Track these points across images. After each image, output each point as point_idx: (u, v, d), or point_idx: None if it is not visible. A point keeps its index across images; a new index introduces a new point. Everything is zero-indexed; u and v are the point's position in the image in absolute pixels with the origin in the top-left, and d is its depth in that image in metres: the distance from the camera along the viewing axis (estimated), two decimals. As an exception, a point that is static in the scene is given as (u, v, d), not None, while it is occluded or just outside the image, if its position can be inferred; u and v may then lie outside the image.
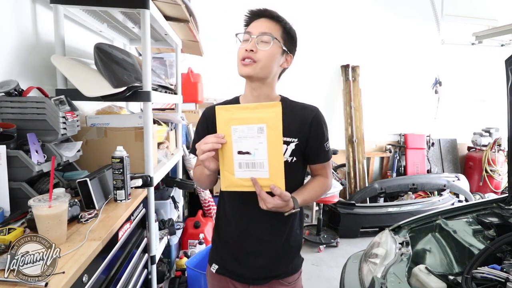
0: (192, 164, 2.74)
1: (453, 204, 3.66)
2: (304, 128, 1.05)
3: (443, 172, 4.58)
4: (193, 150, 1.12)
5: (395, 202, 3.84)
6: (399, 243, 1.53)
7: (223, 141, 0.91)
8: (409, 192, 4.01)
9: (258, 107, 0.92)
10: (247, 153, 0.92)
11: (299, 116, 1.07)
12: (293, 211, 0.99)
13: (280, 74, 1.13)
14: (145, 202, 1.53)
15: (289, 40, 1.06)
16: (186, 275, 2.27)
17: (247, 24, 1.07)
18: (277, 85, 1.14)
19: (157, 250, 1.70)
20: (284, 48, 1.04)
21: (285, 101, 1.10)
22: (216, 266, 1.15)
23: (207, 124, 1.11)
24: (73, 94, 1.38)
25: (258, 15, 1.04)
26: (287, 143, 1.03)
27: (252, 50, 0.99)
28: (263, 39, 1.00)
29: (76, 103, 1.40)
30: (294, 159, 1.05)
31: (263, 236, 1.09)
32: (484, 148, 4.44)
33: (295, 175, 1.08)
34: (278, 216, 1.02)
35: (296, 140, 1.04)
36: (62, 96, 1.28)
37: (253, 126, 0.90)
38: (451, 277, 1.32)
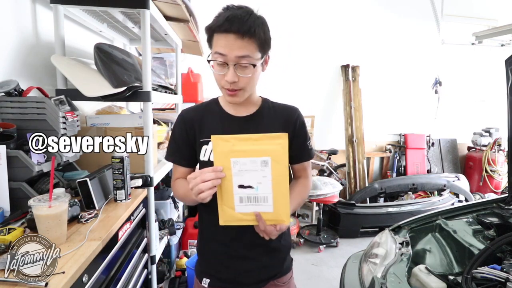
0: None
1: (453, 204, 3.65)
2: (288, 128, 1.03)
3: (443, 172, 4.58)
4: (169, 157, 1.08)
5: (395, 202, 3.84)
6: (399, 243, 1.53)
7: (222, 176, 0.83)
8: (409, 192, 4.01)
9: (262, 138, 0.83)
10: (249, 187, 0.84)
11: (282, 116, 1.06)
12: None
13: None
14: (145, 202, 1.53)
15: (265, 45, 0.93)
16: (186, 275, 2.27)
17: (210, 34, 0.92)
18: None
19: (157, 250, 1.70)
20: (262, 60, 0.95)
21: (266, 102, 1.09)
22: (208, 280, 1.09)
23: (186, 127, 1.04)
24: (73, 94, 1.38)
25: (227, 29, 0.87)
26: None
27: (234, 81, 0.91)
28: (241, 64, 0.89)
29: (76, 103, 1.40)
30: None
31: (256, 240, 1.02)
32: (484, 148, 4.44)
33: None
34: None
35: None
36: (62, 96, 1.28)
37: (256, 159, 0.82)
38: (451, 277, 1.32)
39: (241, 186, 0.85)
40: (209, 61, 0.94)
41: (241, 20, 0.87)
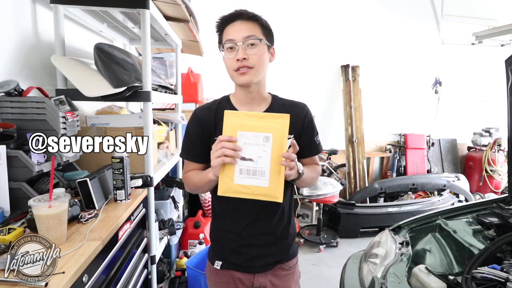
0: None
1: (453, 204, 3.65)
2: (297, 124, 1.09)
3: (443, 172, 4.58)
4: (185, 155, 1.12)
5: (395, 202, 3.84)
6: (399, 243, 1.53)
7: (239, 149, 0.92)
8: (409, 192, 4.01)
9: (267, 117, 0.94)
10: (250, 160, 0.93)
11: (292, 113, 1.09)
12: (300, 175, 1.00)
13: None
14: (145, 202, 1.53)
15: (269, 33, 1.06)
16: (186, 275, 2.27)
17: (221, 30, 1.05)
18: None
19: (157, 250, 1.70)
20: (268, 44, 1.05)
21: (275, 99, 1.14)
22: (220, 262, 1.15)
23: (201, 126, 1.09)
24: (73, 94, 1.38)
25: (233, 19, 1.02)
26: None
27: (244, 58, 0.99)
28: (249, 43, 1.00)
29: (76, 103, 1.40)
30: None
31: (266, 229, 1.11)
32: (484, 148, 4.44)
33: None
34: (279, 209, 1.10)
35: (292, 136, 1.08)
36: (62, 96, 1.28)
37: (259, 134, 0.92)
38: (451, 277, 1.32)
39: (242, 159, 0.93)
40: (222, 46, 1.02)
41: (246, 11, 1.02)
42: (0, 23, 1.28)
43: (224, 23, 1.03)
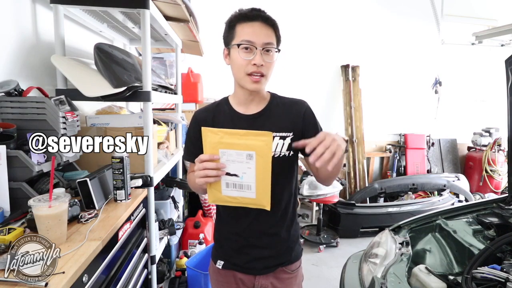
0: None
1: (453, 204, 3.65)
2: (297, 122, 1.08)
3: (443, 172, 4.58)
4: (187, 157, 1.14)
5: (395, 202, 3.84)
6: (399, 243, 1.53)
7: (222, 166, 0.89)
8: (409, 192, 4.01)
9: (248, 134, 0.89)
10: (235, 175, 0.91)
11: (291, 110, 1.10)
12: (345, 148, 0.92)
13: None
14: (145, 202, 1.53)
15: (279, 41, 1.04)
16: (186, 275, 2.27)
17: (234, 24, 1.00)
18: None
19: (157, 250, 1.70)
20: (277, 52, 1.02)
21: (274, 98, 1.12)
22: (222, 262, 1.16)
23: (199, 128, 1.05)
24: (73, 94, 1.38)
25: (253, 18, 0.98)
26: (283, 138, 1.06)
27: (262, 65, 0.97)
28: (266, 49, 0.98)
29: (76, 103, 1.40)
30: (291, 153, 1.07)
31: (267, 230, 1.11)
32: (484, 148, 4.44)
33: (292, 168, 1.12)
34: (280, 210, 1.10)
35: (291, 134, 1.06)
36: (62, 96, 1.28)
37: (242, 152, 0.89)
38: (451, 277, 1.32)
39: (227, 174, 0.92)
40: (238, 45, 0.98)
41: (264, 12, 1.00)
42: (0, 23, 1.28)
43: (241, 18, 0.99)
